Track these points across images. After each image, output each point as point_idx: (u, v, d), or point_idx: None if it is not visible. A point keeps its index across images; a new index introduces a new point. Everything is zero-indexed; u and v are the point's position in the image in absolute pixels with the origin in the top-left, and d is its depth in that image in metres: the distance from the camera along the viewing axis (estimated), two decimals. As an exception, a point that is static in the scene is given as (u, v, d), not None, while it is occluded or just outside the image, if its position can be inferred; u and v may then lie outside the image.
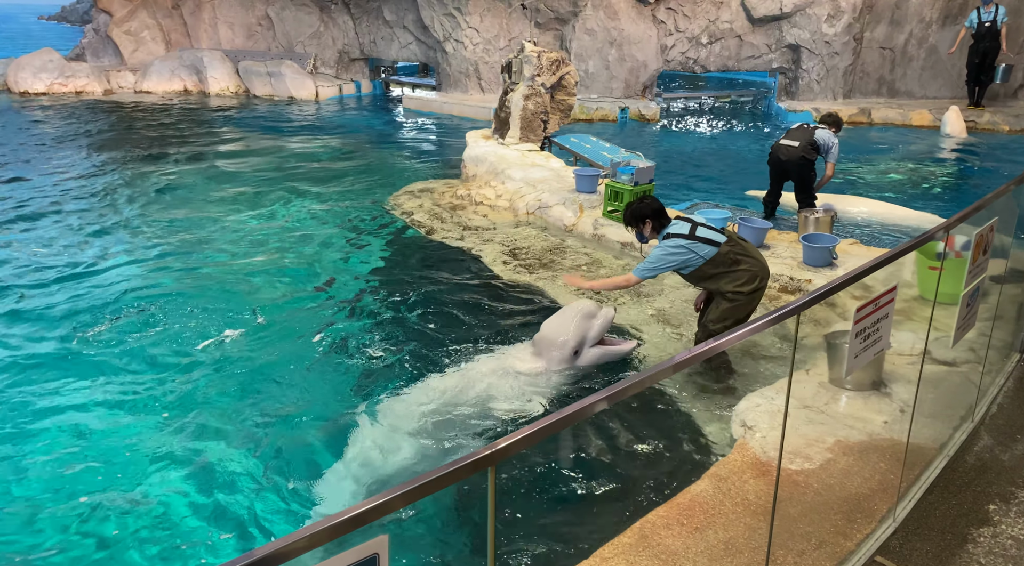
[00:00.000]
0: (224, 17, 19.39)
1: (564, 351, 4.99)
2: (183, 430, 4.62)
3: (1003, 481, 3.55)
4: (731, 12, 16.21)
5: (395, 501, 1.34)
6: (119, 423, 4.72)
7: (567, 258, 7.43)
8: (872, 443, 3.98)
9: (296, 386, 5.14)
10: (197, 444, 4.49)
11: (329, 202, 9.64)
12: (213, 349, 5.61)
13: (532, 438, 1.53)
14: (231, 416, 4.76)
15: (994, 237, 3.65)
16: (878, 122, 15.15)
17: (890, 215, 8.77)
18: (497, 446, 1.46)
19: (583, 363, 5.07)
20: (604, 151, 10.16)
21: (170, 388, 5.09)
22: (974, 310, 3.66)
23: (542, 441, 1.73)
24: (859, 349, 2.49)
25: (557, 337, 5.02)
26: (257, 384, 5.15)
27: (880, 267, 2.77)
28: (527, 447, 1.53)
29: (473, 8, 16.61)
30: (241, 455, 4.39)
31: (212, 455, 4.39)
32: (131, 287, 6.81)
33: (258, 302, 6.46)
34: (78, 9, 45.05)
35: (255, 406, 4.88)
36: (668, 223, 4.98)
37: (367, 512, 1.29)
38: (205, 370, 5.31)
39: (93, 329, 5.95)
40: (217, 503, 4.03)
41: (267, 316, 6.19)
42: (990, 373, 4.48)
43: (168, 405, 4.89)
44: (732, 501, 3.50)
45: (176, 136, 13.68)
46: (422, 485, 1.41)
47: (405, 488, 1.37)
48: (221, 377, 5.22)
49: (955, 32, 15.45)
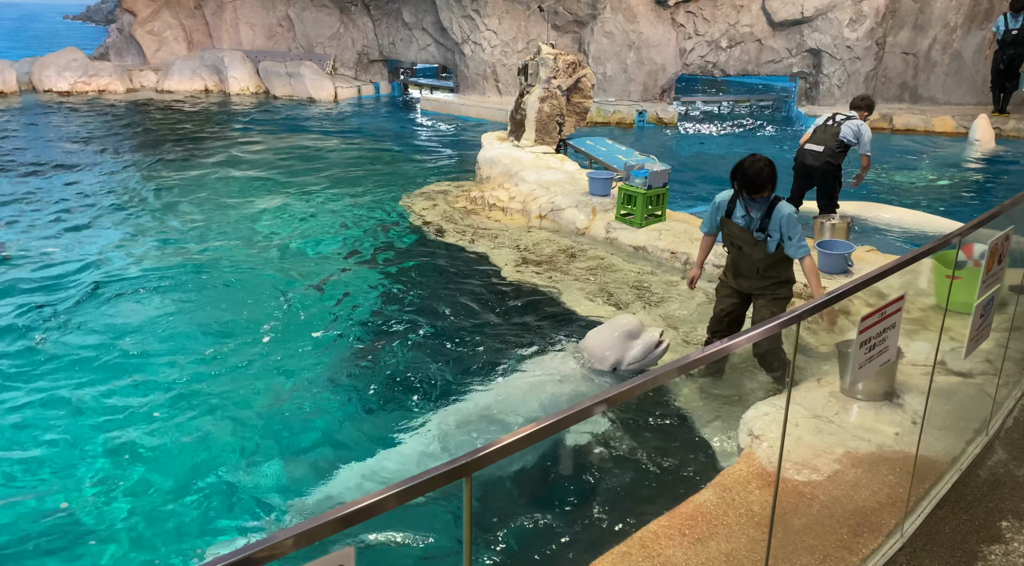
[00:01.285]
0: (245, 18, 19.52)
1: (604, 365, 4.95)
2: (195, 429, 4.62)
3: (1017, 497, 3.45)
4: (751, 16, 16.06)
5: (364, 511, 1.30)
6: (144, 421, 4.73)
7: (579, 261, 7.38)
8: (882, 455, 3.89)
9: (308, 387, 5.13)
10: (210, 452, 4.48)
11: (343, 202, 9.65)
12: (224, 351, 5.62)
13: (512, 447, 1.48)
14: (245, 418, 4.76)
15: (1010, 245, 3.56)
16: (900, 128, 14.93)
17: (921, 223, 8.59)
18: (474, 455, 1.42)
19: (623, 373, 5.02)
20: (619, 154, 10.09)
21: (181, 388, 5.09)
22: (988, 321, 3.56)
23: (544, 441, 1.68)
24: (864, 360, 2.42)
25: (598, 352, 4.97)
26: (269, 381, 5.16)
27: (887, 275, 2.69)
28: (507, 456, 1.49)
29: (492, 10, 16.60)
30: (255, 456, 4.39)
31: (229, 460, 4.39)
32: (146, 284, 6.84)
33: (270, 301, 6.47)
34: (103, 9, 45.64)
35: (260, 408, 4.88)
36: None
37: (332, 523, 1.25)
38: (215, 370, 5.32)
39: (102, 322, 5.98)
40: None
41: (280, 314, 6.20)
42: (1006, 385, 4.37)
43: (182, 405, 4.90)
44: (736, 512, 3.43)
45: (194, 135, 13.78)
46: (397, 493, 1.37)
47: (377, 497, 1.33)
48: (231, 377, 5.23)
49: (981, 37, 15.21)
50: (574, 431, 4.33)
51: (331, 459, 4.34)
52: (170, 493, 4.08)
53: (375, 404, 4.96)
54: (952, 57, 15.87)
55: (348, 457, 4.29)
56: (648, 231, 7.53)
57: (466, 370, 5.27)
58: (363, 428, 4.69)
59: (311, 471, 4.24)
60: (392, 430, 4.55)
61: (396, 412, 4.81)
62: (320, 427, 4.69)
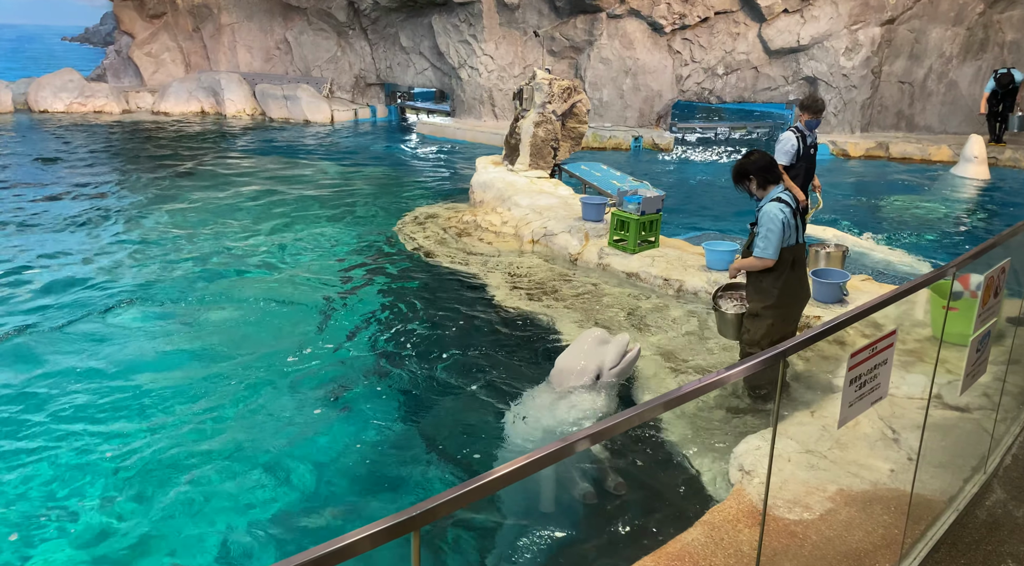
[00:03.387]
0: (243, 40, 19.60)
1: (584, 378, 4.78)
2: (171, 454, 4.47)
3: (1016, 540, 3.31)
4: (748, 43, 16.13)
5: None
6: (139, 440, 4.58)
7: (571, 287, 7.26)
8: (876, 493, 3.75)
9: (290, 408, 4.98)
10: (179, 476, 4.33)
11: (336, 225, 9.56)
12: (207, 375, 5.48)
13: (465, 497, 1.35)
14: (217, 440, 4.61)
15: (1006, 278, 3.45)
16: (896, 156, 14.93)
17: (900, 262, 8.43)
18: (423, 507, 1.29)
19: (606, 384, 4.89)
20: (614, 179, 10.03)
21: (158, 416, 4.95)
22: (985, 355, 3.44)
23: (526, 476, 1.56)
24: (854, 397, 2.30)
25: (575, 366, 4.83)
26: (255, 406, 5.01)
27: (883, 306, 2.58)
28: (461, 507, 1.36)
29: (489, 36, 16.66)
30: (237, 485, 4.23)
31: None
32: (134, 306, 6.72)
33: (259, 323, 6.35)
34: (101, 31, 46.01)
35: (237, 433, 4.73)
36: (778, 183, 4.67)
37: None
38: (196, 393, 5.18)
39: (96, 345, 5.85)
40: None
41: (268, 335, 6.07)
42: (1004, 421, 4.23)
43: (149, 428, 4.75)
44: (724, 552, 3.28)
45: (187, 156, 13.72)
46: (336, 550, 1.24)
47: (313, 554, 1.21)
48: (215, 404, 5.08)
49: (976, 67, 15.34)
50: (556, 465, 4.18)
51: (309, 487, 4.19)
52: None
53: (353, 435, 4.81)
54: (948, 86, 15.92)
55: (330, 483, 4.14)
56: (641, 257, 7.43)
57: (450, 408, 5.13)
58: (347, 466, 4.53)
59: (278, 497, 4.09)
60: (372, 465, 4.41)
61: (380, 443, 4.67)
62: (296, 453, 4.54)
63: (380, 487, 4.24)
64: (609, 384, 4.83)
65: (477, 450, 4.57)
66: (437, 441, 4.67)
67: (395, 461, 4.47)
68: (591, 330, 5.10)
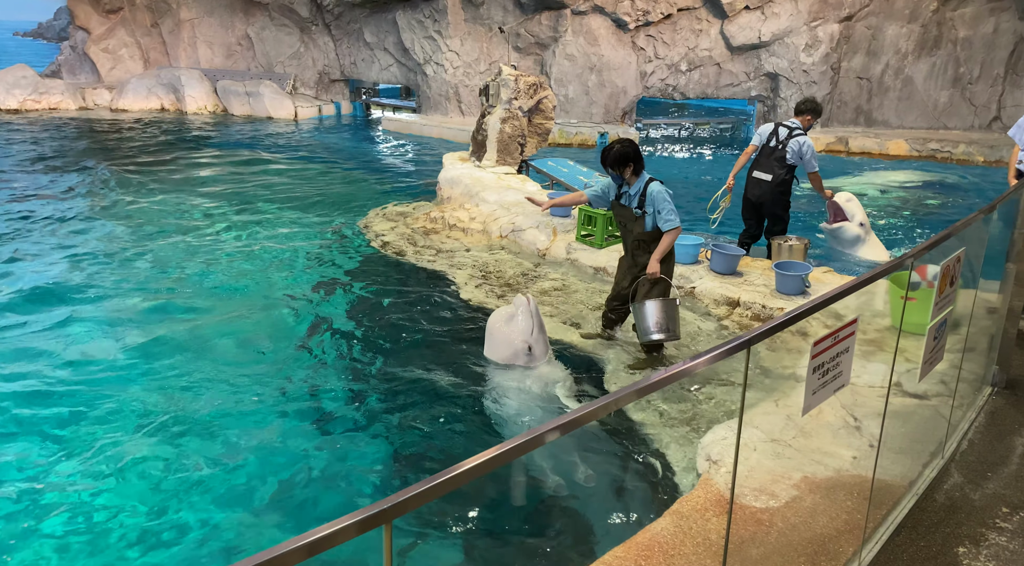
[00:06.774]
0: (204, 36, 19.29)
1: (521, 356, 5.24)
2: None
3: (973, 522, 3.41)
4: (710, 40, 16.31)
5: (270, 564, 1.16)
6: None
7: (539, 282, 7.29)
8: (839, 480, 3.83)
9: (253, 409, 4.93)
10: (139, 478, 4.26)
11: (301, 224, 9.46)
12: (170, 375, 5.40)
13: (436, 490, 1.36)
14: (187, 434, 4.54)
15: (961, 267, 3.54)
16: (855, 151, 15.23)
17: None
18: (395, 499, 1.29)
19: (542, 349, 5.30)
20: (581, 175, 10.08)
21: (121, 418, 4.86)
22: (942, 343, 3.54)
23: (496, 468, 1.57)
24: (817, 385, 2.35)
25: (506, 352, 5.26)
26: (219, 405, 4.94)
27: (843, 296, 2.64)
28: (432, 499, 1.36)
29: (454, 32, 16.61)
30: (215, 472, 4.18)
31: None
32: (93, 307, 6.58)
33: (224, 323, 6.26)
34: (55, 26, 44.93)
35: (202, 435, 4.67)
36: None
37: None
38: (155, 390, 5.10)
39: (59, 348, 5.72)
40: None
41: (233, 336, 5.99)
42: (961, 407, 4.35)
43: (115, 427, 4.67)
44: (693, 541, 3.33)
45: (146, 154, 13.47)
46: (308, 544, 1.23)
47: (283, 549, 1.20)
48: (181, 402, 5.01)
49: (931, 63, 15.71)
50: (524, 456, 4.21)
51: (271, 489, 4.15)
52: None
53: (318, 428, 4.78)
54: (904, 82, 16.27)
55: (290, 485, 4.11)
56: (608, 252, 7.49)
57: (413, 403, 5.12)
58: (315, 466, 4.51)
59: (241, 500, 4.05)
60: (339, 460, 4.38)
61: (343, 439, 4.64)
62: (259, 448, 4.50)
63: (348, 488, 4.22)
64: (539, 341, 5.27)
65: (441, 444, 4.57)
66: (404, 436, 4.66)
67: (362, 457, 4.44)
68: (494, 314, 5.49)
